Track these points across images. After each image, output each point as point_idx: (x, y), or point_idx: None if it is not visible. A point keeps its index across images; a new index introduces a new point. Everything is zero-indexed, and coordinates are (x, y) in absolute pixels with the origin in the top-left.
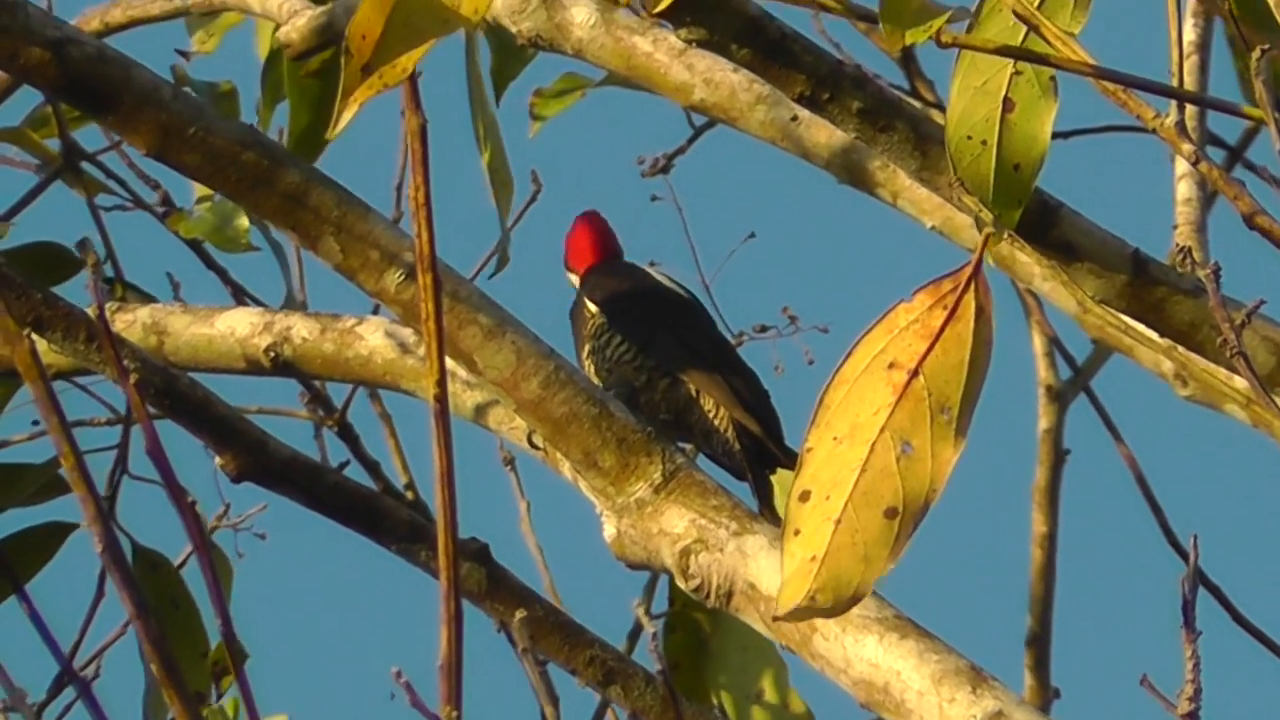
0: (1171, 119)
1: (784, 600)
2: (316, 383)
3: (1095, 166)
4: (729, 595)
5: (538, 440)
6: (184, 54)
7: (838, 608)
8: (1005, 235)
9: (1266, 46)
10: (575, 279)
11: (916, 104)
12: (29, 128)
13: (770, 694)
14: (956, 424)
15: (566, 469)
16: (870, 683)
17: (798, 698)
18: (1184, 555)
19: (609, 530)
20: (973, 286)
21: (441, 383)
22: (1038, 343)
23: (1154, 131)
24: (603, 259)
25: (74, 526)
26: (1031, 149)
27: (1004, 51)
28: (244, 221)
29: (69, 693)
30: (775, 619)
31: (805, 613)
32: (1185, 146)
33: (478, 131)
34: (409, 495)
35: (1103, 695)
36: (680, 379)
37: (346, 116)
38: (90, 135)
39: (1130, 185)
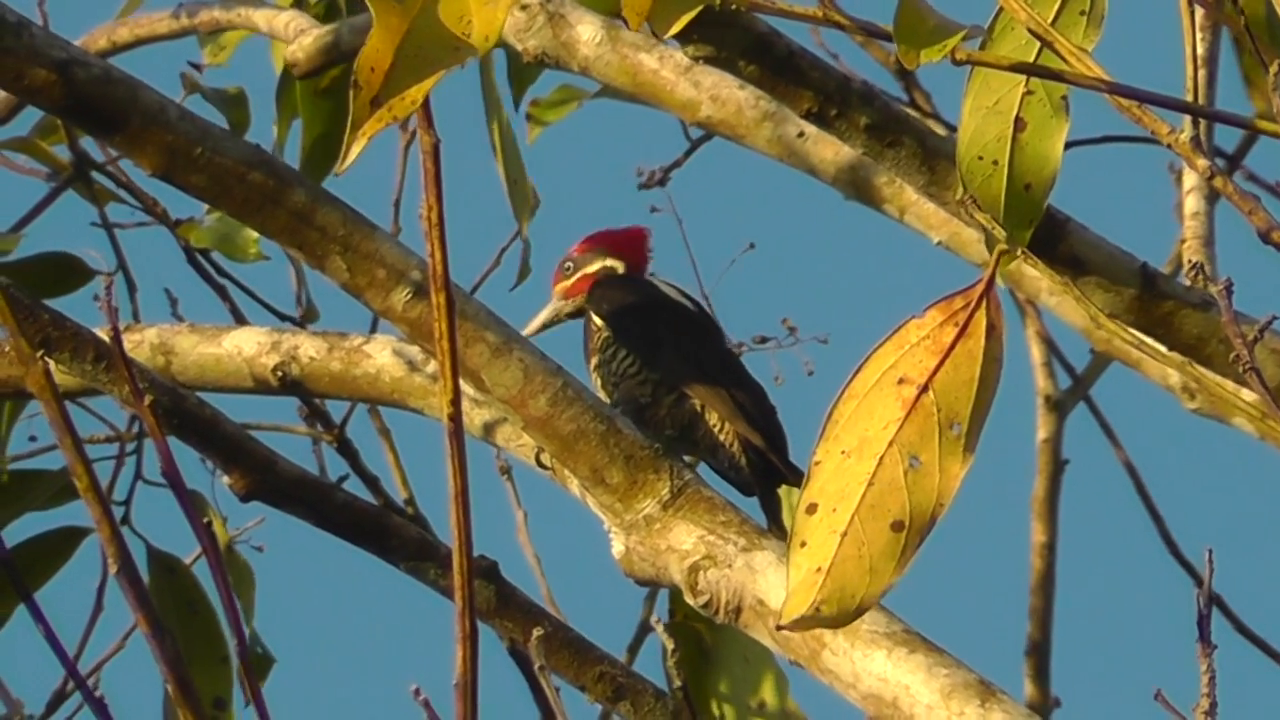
0: (1186, 135)
1: (789, 611)
2: (316, 399)
3: (1097, 177)
4: (738, 611)
5: (546, 460)
6: (196, 66)
7: (842, 619)
8: (1019, 251)
9: None
10: (610, 264)
11: (915, 115)
12: (37, 135)
13: (772, 705)
14: (965, 440)
15: (574, 486)
16: (879, 697)
17: (797, 708)
18: (1184, 562)
19: (617, 547)
20: (984, 304)
21: (456, 402)
22: (1036, 352)
23: (1169, 147)
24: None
25: (88, 531)
26: (1043, 168)
27: (1019, 68)
28: (252, 231)
29: (68, 706)
30: (779, 628)
31: (810, 623)
32: (1200, 162)
33: (494, 142)
34: (409, 510)
35: (1104, 704)
36: (685, 394)
37: (355, 150)
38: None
39: (1130, 195)
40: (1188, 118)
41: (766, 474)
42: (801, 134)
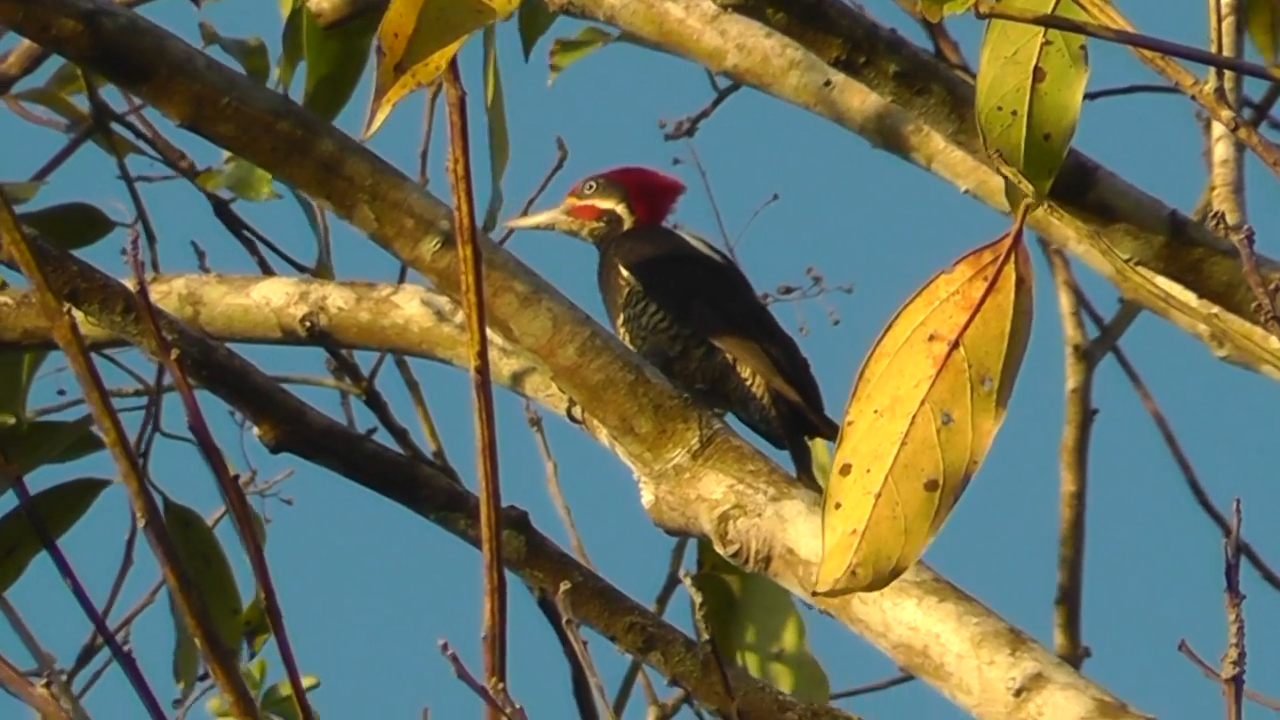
0: (1210, 85)
1: (825, 575)
2: (344, 350)
3: (1126, 125)
4: (767, 560)
5: (577, 413)
6: None
7: (878, 582)
8: (1043, 204)
9: None
10: (620, 211)
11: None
12: (55, 85)
13: (790, 650)
14: (997, 395)
15: (604, 436)
16: (909, 646)
17: (812, 654)
18: (1212, 511)
19: (647, 497)
20: (1013, 257)
21: (483, 354)
22: (1065, 302)
23: (1193, 98)
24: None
25: (106, 483)
26: (1062, 118)
27: (1042, 20)
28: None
29: (98, 660)
30: (815, 594)
31: (846, 588)
32: (1225, 113)
33: (486, 93)
34: (438, 462)
35: (1133, 652)
36: (717, 347)
37: (380, 117)
38: (118, 94)
39: (1161, 142)
40: (1213, 69)
41: (796, 425)
42: (829, 82)
